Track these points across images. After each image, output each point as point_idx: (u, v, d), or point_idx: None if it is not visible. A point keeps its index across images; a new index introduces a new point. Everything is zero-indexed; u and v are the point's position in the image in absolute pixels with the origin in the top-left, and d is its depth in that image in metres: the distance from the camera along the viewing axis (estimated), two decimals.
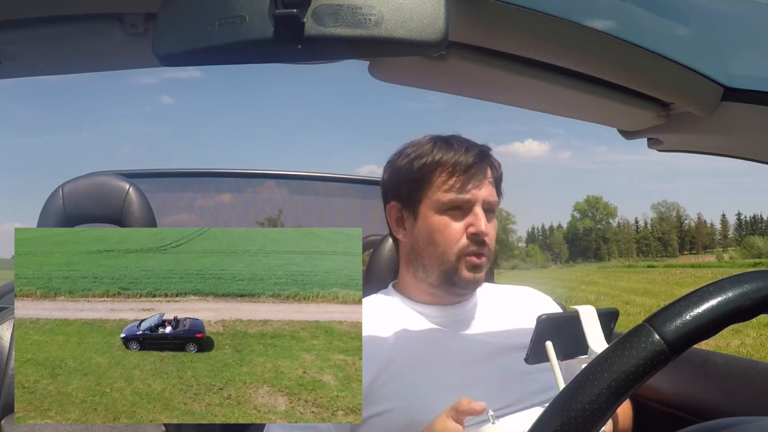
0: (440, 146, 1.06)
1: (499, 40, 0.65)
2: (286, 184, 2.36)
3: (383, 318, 1.07)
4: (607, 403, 0.43)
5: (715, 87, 0.71)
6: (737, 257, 74.32)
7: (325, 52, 0.54)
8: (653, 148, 0.97)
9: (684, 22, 0.74)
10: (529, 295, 1.22)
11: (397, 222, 1.10)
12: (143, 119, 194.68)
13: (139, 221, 1.48)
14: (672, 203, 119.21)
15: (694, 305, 0.45)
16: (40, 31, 0.60)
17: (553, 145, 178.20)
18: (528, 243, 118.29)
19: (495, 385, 1.00)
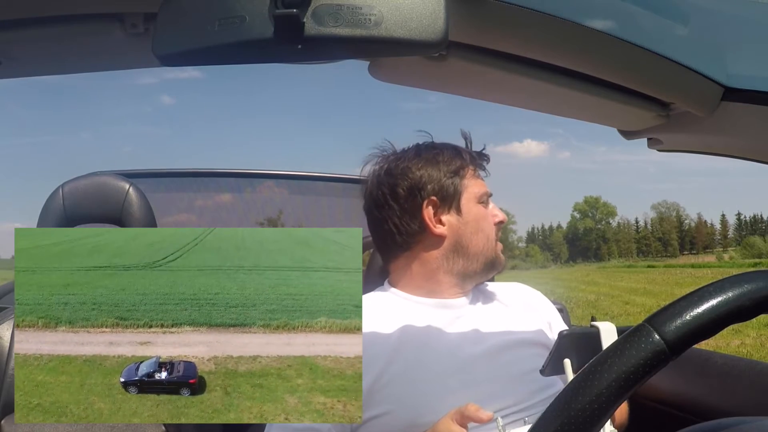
0: (460, 150, 1.17)
1: (499, 40, 0.65)
2: (286, 184, 2.36)
3: (382, 317, 1.07)
4: (607, 403, 0.43)
5: (715, 87, 0.71)
6: (737, 257, 74.35)
7: (325, 52, 0.54)
8: (653, 148, 0.97)
9: (684, 22, 0.74)
10: (521, 290, 1.23)
11: (435, 217, 1.11)
12: (143, 119, 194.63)
13: (139, 221, 1.48)
14: (672, 203, 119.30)
15: (694, 305, 0.45)
16: (40, 31, 0.60)
17: (552, 145, 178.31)
18: (528, 243, 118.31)
19: (496, 383, 1.00)
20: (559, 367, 0.85)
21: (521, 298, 1.19)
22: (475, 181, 1.15)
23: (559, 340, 0.85)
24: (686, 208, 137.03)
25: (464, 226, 1.12)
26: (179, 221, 2.30)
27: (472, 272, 1.13)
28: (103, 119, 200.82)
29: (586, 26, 0.62)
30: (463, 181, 1.13)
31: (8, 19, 0.59)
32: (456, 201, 1.12)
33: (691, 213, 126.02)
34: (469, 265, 1.12)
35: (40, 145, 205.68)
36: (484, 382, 1.00)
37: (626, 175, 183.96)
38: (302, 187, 2.34)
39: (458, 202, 1.12)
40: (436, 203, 1.11)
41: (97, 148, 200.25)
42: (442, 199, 1.11)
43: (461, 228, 1.12)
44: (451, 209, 1.12)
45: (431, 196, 1.10)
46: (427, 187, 1.11)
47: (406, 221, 1.11)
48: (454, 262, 1.12)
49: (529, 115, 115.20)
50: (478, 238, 1.12)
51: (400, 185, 1.11)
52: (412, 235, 1.11)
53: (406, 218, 1.11)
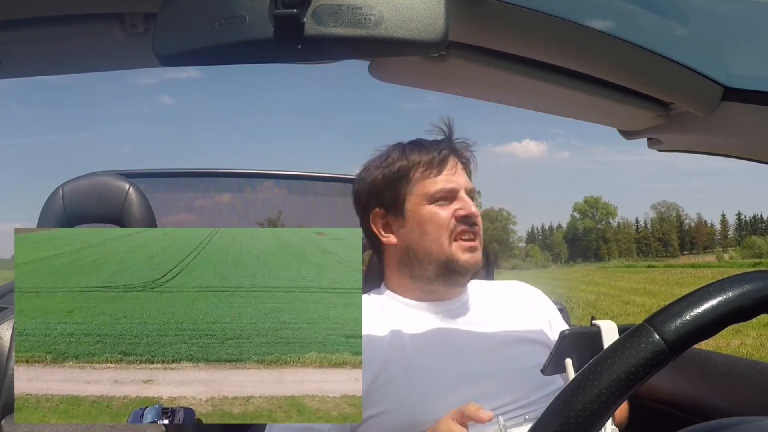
0: (410, 149, 1.10)
1: (499, 40, 0.65)
2: (285, 184, 2.36)
3: (378, 318, 1.07)
4: (607, 403, 0.43)
5: (715, 87, 0.71)
6: (737, 257, 74.30)
7: (325, 52, 0.54)
8: (653, 148, 0.97)
9: (684, 22, 0.74)
10: (520, 288, 1.22)
11: (384, 228, 1.11)
12: (143, 119, 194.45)
13: (139, 221, 1.48)
14: (672, 203, 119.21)
15: (694, 305, 0.45)
16: (40, 31, 0.60)
17: (551, 145, 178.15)
18: (528, 243, 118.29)
19: (495, 381, 1.00)
20: (561, 366, 0.86)
21: (520, 296, 1.19)
22: (427, 180, 1.07)
23: (560, 339, 0.85)
24: (686, 208, 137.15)
25: (410, 232, 1.07)
26: (179, 221, 2.31)
27: (429, 277, 1.07)
28: (103, 119, 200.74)
29: (587, 26, 0.62)
30: (409, 184, 1.07)
31: (8, 19, 0.59)
32: (400, 207, 1.08)
33: (691, 213, 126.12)
34: (423, 271, 1.07)
35: (40, 145, 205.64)
36: (483, 380, 1.00)
37: (626, 175, 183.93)
38: (302, 187, 2.34)
39: (402, 207, 1.08)
40: (382, 214, 1.10)
41: (97, 148, 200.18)
42: (387, 207, 1.10)
43: (407, 234, 1.08)
44: (397, 216, 1.09)
45: (375, 208, 1.11)
46: (371, 199, 1.11)
47: (366, 232, 1.14)
48: (411, 267, 1.09)
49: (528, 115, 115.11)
50: (425, 241, 1.06)
51: (354, 199, 1.15)
52: (374, 244, 1.14)
53: (365, 229, 1.14)
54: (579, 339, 0.87)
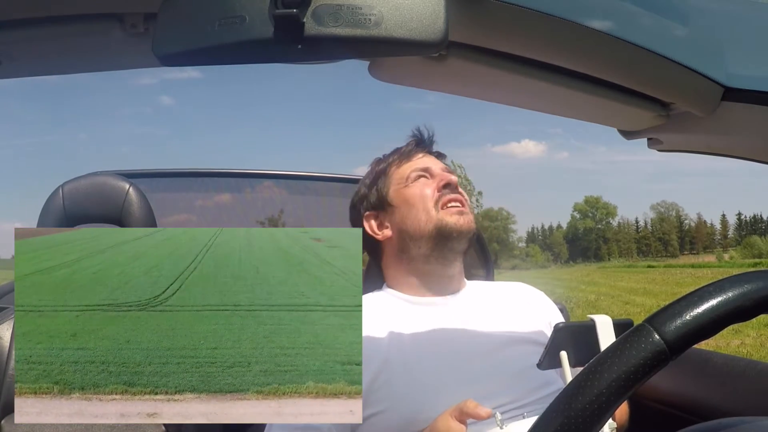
0: (386, 155, 1.22)
1: (499, 40, 0.65)
2: (286, 184, 2.36)
3: (378, 317, 1.07)
4: (607, 403, 0.43)
5: (715, 87, 0.71)
6: (737, 257, 74.24)
7: (325, 52, 0.54)
8: (653, 148, 0.97)
9: (684, 22, 0.73)
10: (521, 289, 1.23)
11: (378, 226, 1.18)
12: (143, 120, 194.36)
13: (139, 221, 1.48)
14: (672, 203, 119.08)
15: (694, 305, 0.45)
16: (40, 31, 0.60)
17: (550, 145, 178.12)
18: (528, 243, 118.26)
19: (495, 381, 1.00)
20: (556, 360, 0.86)
21: (521, 296, 1.20)
22: (402, 167, 1.17)
23: (554, 332, 0.85)
24: (686, 208, 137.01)
25: (400, 216, 1.14)
26: (179, 221, 2.30)
27: (425, 255, 1.12)
28: (103, 119, 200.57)
29: (586, 26, 0.62)
30: (388, 178, 1.18)
31: (8, 19, 0.59)
32: (384, 199, 1.17)
33: (691, 213, 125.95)
34: (418, 248, 1.12)
35: (40, 145, 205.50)
36: (482, 379, 1.00)
37: (626, 175, 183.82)
38: (302, 187, 2.34)
39: (386, 199, 1.17)
40: (374, 215, 1.19)
41: (97, 147, 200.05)
42: (375, 206, 1.18)
43: (397, 217, 1.15)
44: (385, 209, 1.17)
45: (366, 212, 1.20)
46: (361, 206, 1.21)
47: (364, 239, 1.20)
48: (407, 251, 1.13)
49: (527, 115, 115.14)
50: (413, 215, 1.12)
51: (350, 218, 1.25)
52: (373, 248, 1.21)
53: (363, 236, 1.20)
54: (574, 332, 0.88)
